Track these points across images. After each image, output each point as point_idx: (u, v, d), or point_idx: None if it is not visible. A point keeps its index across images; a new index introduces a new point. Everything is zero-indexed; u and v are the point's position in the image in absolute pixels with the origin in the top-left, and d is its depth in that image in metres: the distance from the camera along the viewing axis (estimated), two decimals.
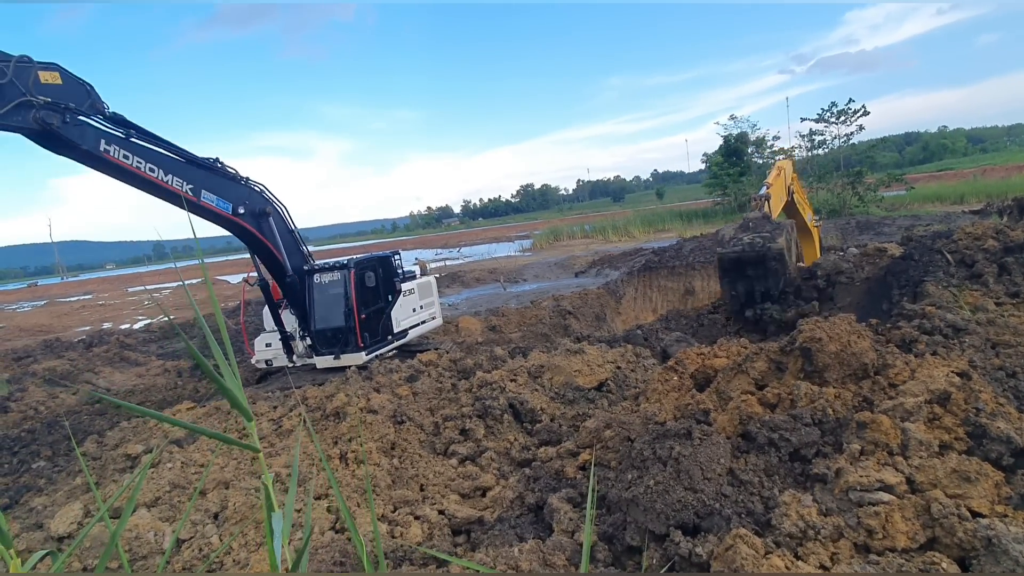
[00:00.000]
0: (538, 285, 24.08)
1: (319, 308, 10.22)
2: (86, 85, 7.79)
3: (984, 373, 4.38)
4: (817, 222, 15.26)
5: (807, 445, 3.95)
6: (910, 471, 3.46)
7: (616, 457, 4.77)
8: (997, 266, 8.09)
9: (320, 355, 10.17)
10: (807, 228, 14.93)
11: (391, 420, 6.58)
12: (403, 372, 8.33)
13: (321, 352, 10.16)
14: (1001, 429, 3.56)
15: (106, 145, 7.79)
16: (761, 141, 49.99)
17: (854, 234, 24.91)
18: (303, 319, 10.19)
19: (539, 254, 38.59)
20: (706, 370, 5.60)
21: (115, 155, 7.84)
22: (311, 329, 10.14)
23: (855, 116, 39.58)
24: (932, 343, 5.05)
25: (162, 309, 31.02)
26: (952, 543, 3.06)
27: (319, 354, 10.18)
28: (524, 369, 7.65)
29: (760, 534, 3.43)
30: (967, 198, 33.87)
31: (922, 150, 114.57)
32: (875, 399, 4.10)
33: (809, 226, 14.89)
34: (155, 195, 8.38)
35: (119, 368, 14.78)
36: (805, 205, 14.79)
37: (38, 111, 7.19)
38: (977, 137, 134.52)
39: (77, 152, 7.68)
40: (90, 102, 7.77)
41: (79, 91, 7.70)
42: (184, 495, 5.74)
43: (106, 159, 7.78)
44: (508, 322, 14.67)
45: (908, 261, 9.95)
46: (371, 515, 2.02)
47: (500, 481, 5.62)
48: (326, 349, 10.15)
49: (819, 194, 38.12)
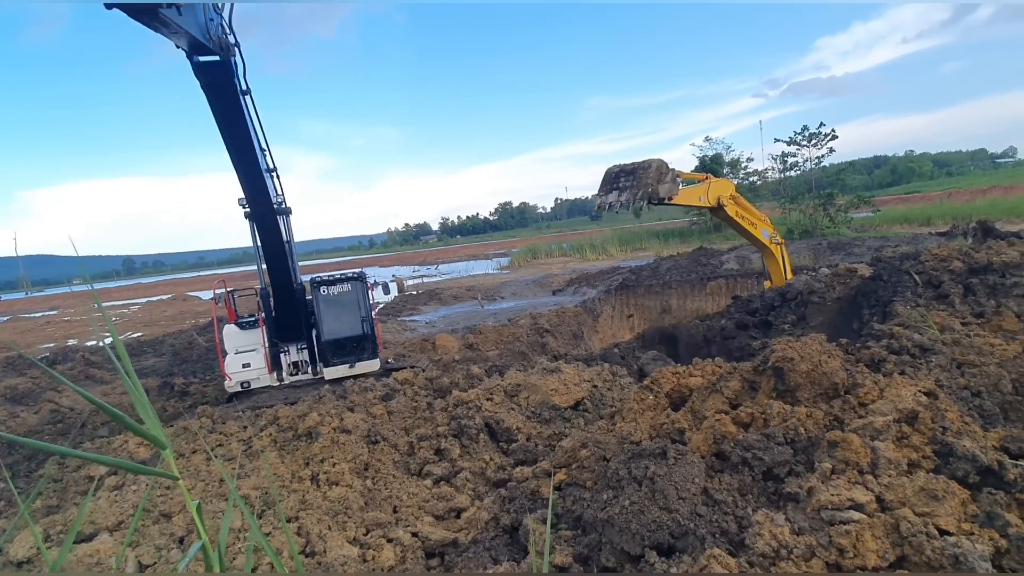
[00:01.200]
0: (516, 303, 24.10)
1: (329, 319, 10.46)
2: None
3: (950, 392, 4.46)
4: (775, 240, 15.15)
5: (780, 464, 3.97)
6: (880, 489, 3.49)
7: (592, 477, 4.74)
8: (963, 287, 8.30)
9: (331, 366, 10.34)
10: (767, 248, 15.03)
11: (365, 440, 6.47)
12: (378, 391, 8.22)
13: (332, 363, 10.34)
14: (967, 448, 3.63)
15: (245, 88, 8.15)
16: (736, 162, 51.17)
17: (826, 254, 25.44)
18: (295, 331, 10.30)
19: (517, 272, 38.69)
20: (681, 389, 5.62)
21: (248, 105, 8.37)
22: (320, 340, 10.25)
23: (825, 139, 40.80)
24: (900, 363, 5.14)
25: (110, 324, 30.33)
26: (921, 561, 3.09)
27: (329, 365, 10.33)
28: (500, 388, 7.61)
29: (734, 554, 3.43)
30: (933, 220, 34.90)
31: (890, 173, 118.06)
32: (845, 418, 4.15)
33: (767, 244, 14.87)
34: (245, 158, 8.61)
35: (84, 386, 14.35)
36: (756, 222, 14.74)
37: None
38: (942, 161, 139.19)
39: (228, 87, 7.86)
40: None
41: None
42: (149, 518, 5.56)
43: (243, 103, 8.19)
44: (485, 340, 14.63)
45: (877, 282, 10.16)
46: (341, 540, 1.97)
47: (475, 502, 5.55)
48: (338, 359, 10.35)
49: (792, 215, 39.02)
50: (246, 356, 10.44)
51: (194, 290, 49.50)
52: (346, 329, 10.55)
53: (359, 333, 10.56)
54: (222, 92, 7.83)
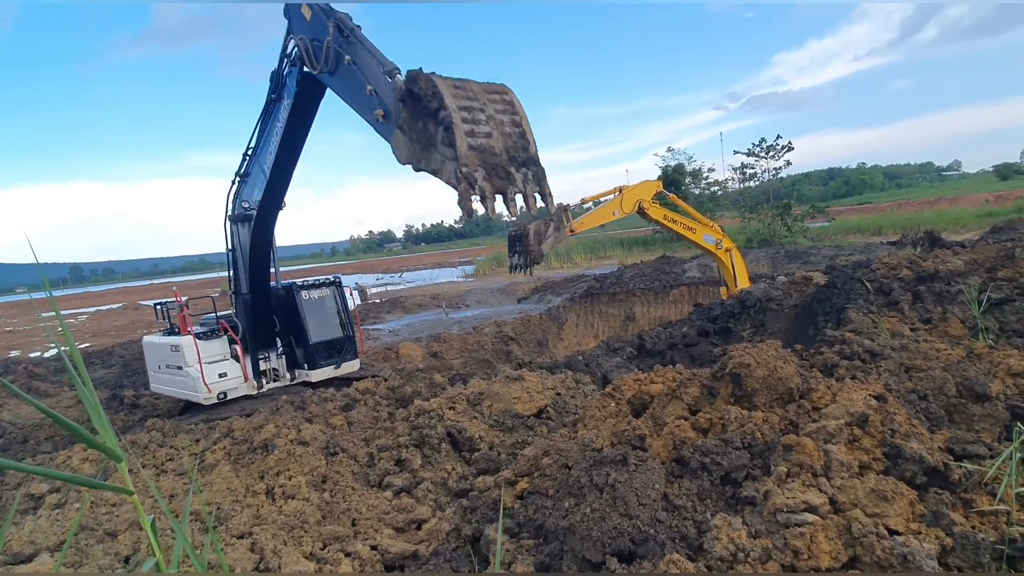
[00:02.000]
0: (480, 311, 24.04)
1: (314, 322, 10.79)
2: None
3: (899, 396, 4.59)
4: (722, 246, 15.03)
5: (737, 468, 4.02)
6: (833, 491, 3.56)
7: (554, 485, 4.72)
8: (911, 294, 8.60)
9: (318, 367, 10.67)
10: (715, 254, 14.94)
11: (323, 452, 6.31)
12: (338, 401, 8.05)
13: (319, 364, 10.67)
14: (914, 449, 3.73)
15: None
16: (697, 173, 52.30)
17: (783, 263, 26.16)
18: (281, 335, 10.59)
19: (482, 280, 38.65)
20: (643, 396, 5.66)
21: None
22: (308, 343, 10.54)
23: (782, 152, 42.04)
24: (852, 368, 5.28)
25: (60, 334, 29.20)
26: (871, 561, 3.16)
27: (316, 367, 10.65)
28: (463, 396, 7.53)
29: (693, 559, 3.45)
30: (885, 230, 36.30)
31: (844, 184, 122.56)
32: (800, 422, 4.23)
33: (712, 251, 14.88)
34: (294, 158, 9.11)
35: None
36: (696, 227, 14.69)
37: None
38: (892, 174, 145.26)
39: (319, 98, 8.55)
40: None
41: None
42: (93, 538, 5.30)
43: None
44: (450, 348, 14.52)
45: (832, 289, 10.46)
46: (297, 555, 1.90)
47: (436, 513, 5.47)
48: (324, 361, 10.74)
49: (751, 224, 40.06)
50: (220, 366, 10.18)
51: (147, 299, 47.89)
52: (332, 331, 11.07)
53: (344, 335, 11.19)
54: (311, 101, 8.37)
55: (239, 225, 9.98)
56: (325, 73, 7.53)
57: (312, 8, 7.63)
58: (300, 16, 7.79)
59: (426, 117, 6.00)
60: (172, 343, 10.07)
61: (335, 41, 7.19)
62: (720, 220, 51.10)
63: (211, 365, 10.13)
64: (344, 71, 7.22)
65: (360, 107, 7.07)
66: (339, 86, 7.51)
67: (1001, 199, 47.97)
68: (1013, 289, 7.56)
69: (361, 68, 6.98)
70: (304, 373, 10.89)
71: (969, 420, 4.37)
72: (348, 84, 7.26)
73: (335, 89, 7.66)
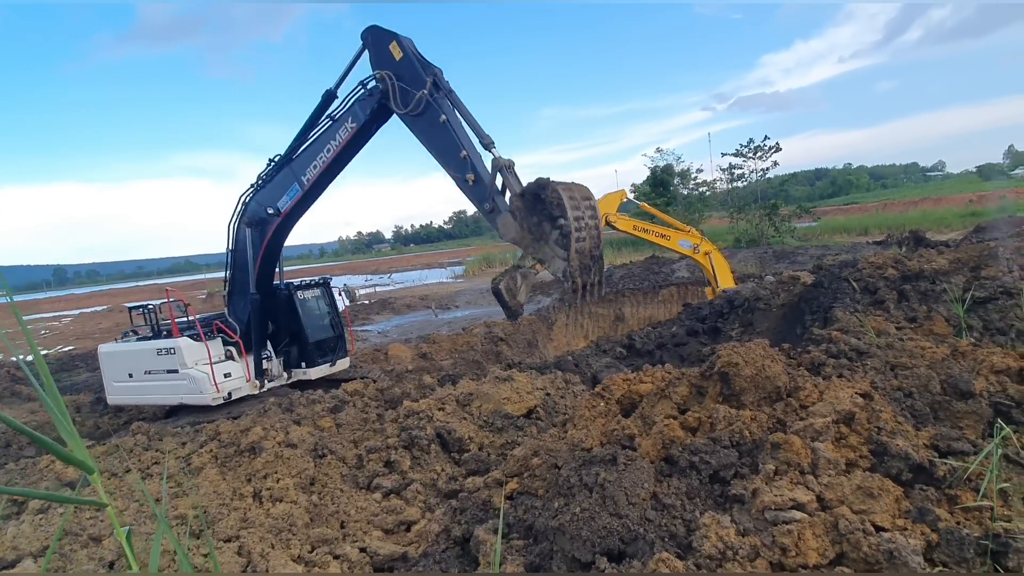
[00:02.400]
0: (470, 311, 24.01)
1: (312, 320, 11.14)
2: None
3: (884, 394, 4.64)
4: (699, 250, 14.89)
5: (726, 467, 4.04)
6: (820, 489, 3.59)
7: (544, 485, 4.72)
8: (897, 293, 8.70)
9: (315, 366, 11.02)
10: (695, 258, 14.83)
11: (311, 454, 6.26)
12: (326, 403, 8.00)
13: (317, 362, 11.04)
14: (900, 446, 3.77)
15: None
16: (685, 173, 52.56)
17: (771, 262, 26.35)
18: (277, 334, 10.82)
19: (471, 280, 38.61)
20: (632, 395, 5.67)
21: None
22: (306, 341, 10.85)
23: (770, 152, 42.34)
24: (838, 366, 5.32)
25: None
26: (858, 557, 3.18)
27: (313, 365, 10.98)
28: (453, 397, 7.51)
29: (682, 557, 3.46)
30: (870, 230, 36.67)
31: (830, 185, 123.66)
32: (788, 420, 4.25)
33: (692, 255, 14.80)
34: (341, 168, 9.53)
35: (9, 403, 13.49)
36: (669, 234, 14.55)
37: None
38: (878, 174, 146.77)
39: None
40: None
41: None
42: (77, 543, 5.22)
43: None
44: (439, 349, 14.48)
45: (819, 288, 10.55)
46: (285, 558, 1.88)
47: (426, 514, 5.44)
48: (321, 359, 11.13)
49: (739, 224, 40.31)
50: (223, 367, 10.13)
51: (132, 301, 47.45)
52: (327, 329, 11.52)
53: (336, 333, 11.67)
54: (376, 128, 8.79)
55: (252, 228, 10.03)
56: (408, 116, 8.01)
57: (404, 52, 8.02)
58: (387, 52, 8.10)
59: (543, 217, 7.10)
60: (163, 346, 9.90)
61: (431, 95, 7.76)
62: (708, 220, 51.42)
63: (218, 364, 10.12)
64: (435, 125, 7.77)
65: (446, 163, 7.81)
66: (423, 135, 7.99)
67: (984, 199, 48.65)
68: (996, 288, 7.66)
69: (455, 129, 7.63)
70: (302, 372, 11.16)
71: (953, 417, 4.42)
72: (436, 137, 7.86)
73: (415, 132, 8.08)
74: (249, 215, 10.06)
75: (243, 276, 10.41)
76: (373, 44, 8.34)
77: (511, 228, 7.30)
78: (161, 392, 10.01)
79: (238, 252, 10.33)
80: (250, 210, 10.08)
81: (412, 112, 7.92)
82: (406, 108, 7.95)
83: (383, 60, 8.26)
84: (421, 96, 7.78)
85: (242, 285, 10.46)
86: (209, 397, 9.76)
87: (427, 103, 7.79)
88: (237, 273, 10.51)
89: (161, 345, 9.93)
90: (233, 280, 10.57)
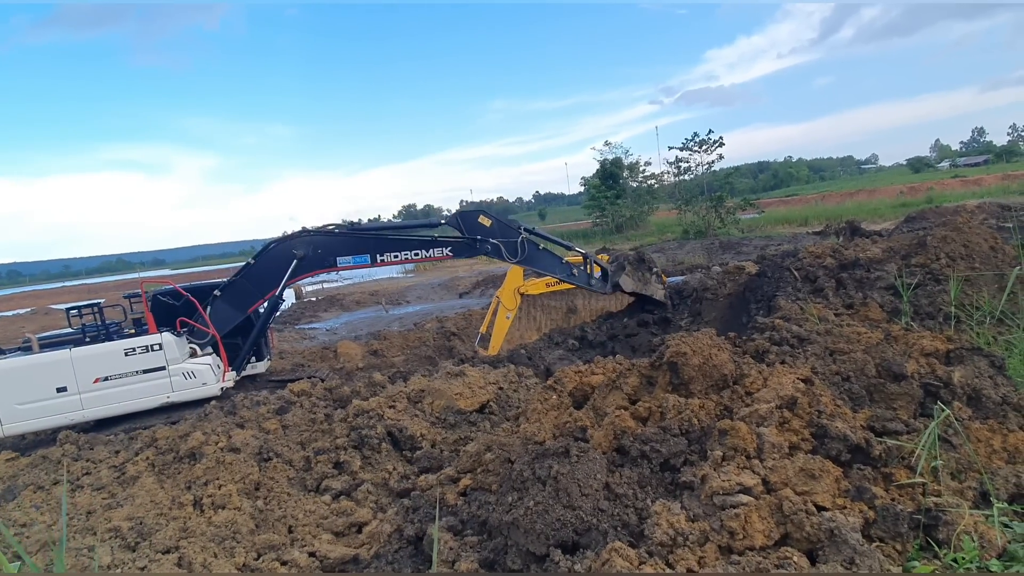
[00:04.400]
0: (421, 307, 23.75)
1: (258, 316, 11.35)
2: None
3: (824, 378, 4.80)
4: (577, 268, 12.97)
5: (676, 455, 4.09)
6: (765, 472, 3.67)
7: (497, 480, 4.68)
8: (835, 281, 9.04)
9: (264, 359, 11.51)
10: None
11: (256, 458, 6.03)
12: (272, 404, 7.73)
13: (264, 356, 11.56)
14: (839, 428, 3.90)
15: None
16: (634, 166, 53.46)
17: (718, 253, 27.07)
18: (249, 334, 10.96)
19: (422, 275, 38.25)
20: (584, 387, 5.69)
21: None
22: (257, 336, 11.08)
23: (714, 146, 43.50)
24: (781, 353, 5.48)
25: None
26: (801, 537, 3.27)
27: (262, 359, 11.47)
28: (404, 395, 7.38)
29: (635, 545, 3.48)
30: (810, 220, 38.07)
31: (772, 177, 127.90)
32: (734, 407, 4.34)
33: (583, 274, 13.94)
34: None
35: None
36: (562, 276, 12.85)
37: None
38: (816, 167, 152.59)
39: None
40: None
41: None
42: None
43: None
44: (391, 346, 14.26)
45: (762, 278, 10.87)
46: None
47: (377, 515, 5.32)
48: (267, 352, 11.75)
49: (687, 216, 41.29)
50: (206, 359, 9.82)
51: (59, 302, 44.77)
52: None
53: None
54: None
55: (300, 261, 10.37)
56: (519, 262, 11.17)
57: (492, 219, 10.89)
58: (478, 223, 10.77)
59: (644, 269, 12.26)
60: (139, 344, 9.22)
61: (528, 236, 11.12)
62: (657, 213, 52.45)
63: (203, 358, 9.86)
64: (537, 253, 11.28)
65: (553, 271, 11.67)
66: (532, 263, 11.40)
67: (913, 190, 51.33)
68: (925, 274, 8.06)
69: (550, 251, 11.65)
70: (251, 366, 11.23)
71: (888, 399, 4.61)
72: (541, 261, 11.42)
73: (525, 264, 11.39)
74: (304, 248, 10.33)
75: (247, 287, 10.28)
76: (465, 224, 10.78)
77: (629, 280, 11.96)
78: (131, 397, 9.19)
79: (260, 268, 10.36)
80: (305, 244, 10.38)
81: (519, 258, 10.89)
82: (517, 257, 10.88)
83: (477, 230, 10.75)
84: (523, 241, 10.82)
85: (241, 295, 10.28)
86: (217, 387, 9.69)
87: (529, 244, 10.93)
88: (244, 283, 10.34)
89: (135, 344, 9.26)
90: (233, 287, 10.29)
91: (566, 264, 11.50)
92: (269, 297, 10.41)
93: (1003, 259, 8.15)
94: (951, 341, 5.30)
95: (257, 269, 10.30)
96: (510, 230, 10.90)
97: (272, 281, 10.27)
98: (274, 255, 10.28)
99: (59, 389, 8.95)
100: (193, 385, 9.47)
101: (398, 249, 10.83)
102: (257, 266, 10.30)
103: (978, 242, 8.41)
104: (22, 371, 8.92)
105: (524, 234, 10.90)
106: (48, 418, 8.97)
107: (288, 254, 10.24)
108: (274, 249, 10.32)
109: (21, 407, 8.83)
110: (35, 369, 8.94)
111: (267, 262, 10.29)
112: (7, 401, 8.81)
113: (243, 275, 10.33)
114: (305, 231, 10.59)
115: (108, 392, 9.13)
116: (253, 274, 10.31)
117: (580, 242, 43.71)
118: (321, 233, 10.58)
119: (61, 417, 8.95)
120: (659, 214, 52.22)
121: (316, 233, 10.56)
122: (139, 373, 9.24)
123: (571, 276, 11.55)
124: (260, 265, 10.31)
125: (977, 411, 4.38)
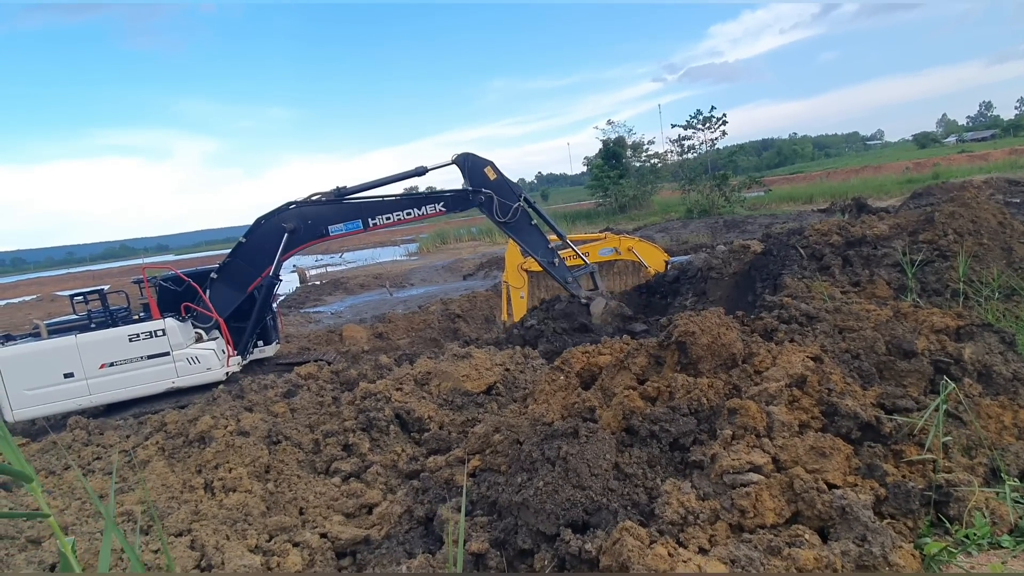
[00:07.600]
0: (426, 289, 23.76)
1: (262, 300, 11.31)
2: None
3: (833, 356, 4.77)
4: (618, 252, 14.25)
5: (685, 434, 4.09)
6: (775, 451, 3.67)
7: (506, 461, 4.70)
8: (841, 258, 8.99)
9: (271, 343, 11.53)
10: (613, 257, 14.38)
11: (265, 441, 6.07)
12: (279, 388, 7.77)
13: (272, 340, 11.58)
14: (849, 406, 3.89)
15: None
16: (637, 145, 52.90)
17: (722, 232, 26.90)
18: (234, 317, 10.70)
19: (426, 258, 38.19)
20: (591, 368, 5.68)
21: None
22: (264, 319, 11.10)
23: (718, 123, 42.96)
24: (790, 331, 5.45)
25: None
26: (812, 515, 3.28)
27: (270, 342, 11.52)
28: (410, 377, 7.40)
29: (645, 524, 3.49)
30: (816, 198, 37.72)
31: (776, 155, 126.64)
32: (743, 386, 4.33)
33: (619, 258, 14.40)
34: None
35: None
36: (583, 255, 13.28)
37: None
38: (821, 144, 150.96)
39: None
40: None
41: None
42: (15, 547, 4.93)
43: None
44: (395, 328, 14.28)
45: (768, 256, 10.80)
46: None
47: (387, 496, 5.36)
48: (275, 336, 11.73)
49: (691, 195, 40.98)
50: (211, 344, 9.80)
51: (63, 289, 44.87)
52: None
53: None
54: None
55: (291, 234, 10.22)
56: (504, 223, 10.56)
57: (498, 174, 10.48)
58: (483, 175, 10.41)
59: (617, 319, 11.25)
60: (143, 330, 9.28)
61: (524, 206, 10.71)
62: (661, 192, 52.03)
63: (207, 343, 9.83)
64: (527, 227, 10.83)
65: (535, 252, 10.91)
66: (516, 234, 10.84)
67: (920, 166, 50.77)
68: (932, 251, 7.99)
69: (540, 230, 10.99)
70: (259, 350, 11.24)
71: (897, 376, 4.59)
72: (528, 236, 10.89)
73: (508, 232, 10.82)
74: (294, 221, 10.13)
75: (241, 266, 10.13)
76: (470, 168, 10.42)
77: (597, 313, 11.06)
78: (137, 382, 9.28)
79: (252, 245, 10.17)
80: (294, 216, 10.15)
81: (510, 221, 10.42)
82: (505, 217, 10.38)
83: (479, 180, 10.36)
84: (517, 207, 10.39)
85: (237, 275, 10.14)
86: (222, 372, 9.64)
87: (522, 212, 10.50)
88: (238, 262, 10.19)
89: (139, 330, 9.31)
90: (228, 268, 10.17)
91: (551, 250, 10.91)
92: (266, 275, 10.21)
93: (1011, 234, 8.07)
94: (961, 317, 5.27)
95: (249, 247, 10.16)
96: (511, 193, 10.51)
97: (266, 257, 10.09)
98: (265, 231, 10.12)
99: (66, 375, 9.04)
100: (197, 370, 9.47)
101: (389, 211, 10.48)
102: (248, 244, 10.16)
103: (986, 217, 8.33)
104: (30, 357, 9.01)
105: (522, 202, 10.58)
106: (56, 403, 9.04)
107: (278, 228, 10.06)
108: (264, 225, 10.15)
109: (30, 392, 8.92)
110: (42, 355, 9.03)
111: (258, 239, 10.14)
112: (16, 387, 8.92)
113: (236, 254, 10.22)
114: (292, 203, 10.30)
115: (114, 377, 9.18)
116: (246, 252, 10.18)
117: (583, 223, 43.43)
118: (308, 204, 10.30)
119: (69, 402, 9.05)
120: (663, 193, 51.79)
121: (303, 204, 10.27)
122: (144, 359, 9.26)
123: (551, 264, 10.91)
124: (251, 243, 10.16)
125: (988, 387, 4.36)
